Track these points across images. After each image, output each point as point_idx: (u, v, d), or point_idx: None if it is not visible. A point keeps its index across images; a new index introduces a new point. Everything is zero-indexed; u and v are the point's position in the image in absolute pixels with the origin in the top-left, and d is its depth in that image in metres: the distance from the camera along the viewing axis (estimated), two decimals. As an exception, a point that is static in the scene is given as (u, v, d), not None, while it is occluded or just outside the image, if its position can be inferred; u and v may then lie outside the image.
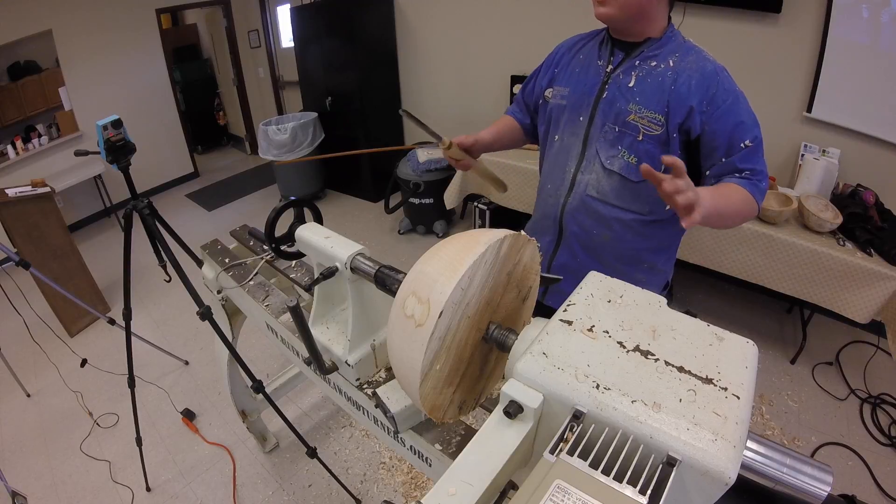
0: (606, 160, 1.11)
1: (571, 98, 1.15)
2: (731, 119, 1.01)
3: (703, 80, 1.01)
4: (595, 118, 1.11)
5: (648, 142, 1.05)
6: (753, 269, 2.18)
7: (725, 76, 1.03)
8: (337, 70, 3.96)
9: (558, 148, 1.20)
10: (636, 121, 1.05)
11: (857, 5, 2.08)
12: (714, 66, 1.03)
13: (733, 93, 1.02)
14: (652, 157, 1.06)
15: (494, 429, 0.51)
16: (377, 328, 0.91)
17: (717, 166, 1.04)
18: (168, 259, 1.52)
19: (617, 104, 1.07)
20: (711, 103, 1.00)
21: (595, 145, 1.12)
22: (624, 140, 1.08)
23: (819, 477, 0.47)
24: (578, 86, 1.14)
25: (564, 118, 1.17)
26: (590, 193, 1.15)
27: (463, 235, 0.60)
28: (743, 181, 1.01)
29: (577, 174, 1.16)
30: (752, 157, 1.02)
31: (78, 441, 2.20)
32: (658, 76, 1.04)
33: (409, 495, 1.86)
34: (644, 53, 1.06)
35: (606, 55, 1.11)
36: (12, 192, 2.65)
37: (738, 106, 1.02)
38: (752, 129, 1.02)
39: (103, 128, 1.38)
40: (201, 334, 2.79)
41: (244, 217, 4.32)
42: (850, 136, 2.29)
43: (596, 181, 1.14)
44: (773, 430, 2.03)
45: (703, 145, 1.04)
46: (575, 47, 1.20)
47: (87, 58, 4.27)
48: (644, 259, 1.20)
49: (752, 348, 0.51)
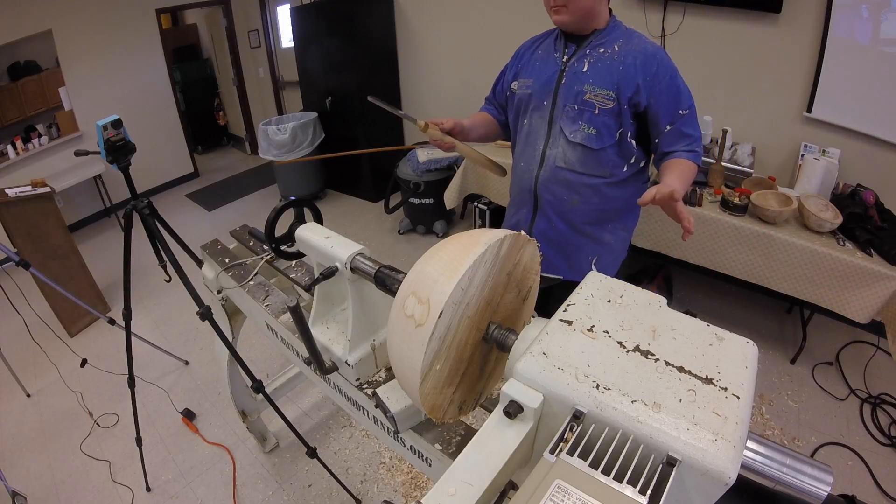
0: (570, 134, 1.29)
1: (535, 87, 1.34)
2: (671, 91, 1.21)
3: (645, 59, 1.20)
4: (557, 101, 1.30)
5: (604, 115, 1.24)
6: (753, 269, 2.18)
7: (663, 55, 1.22)
8: (337, 70, 3.96)
9: (528, 130, 1.38)
10: (592, 98, 1.24)
11: (857, 5, 2.08)
12: (654, 47, 1.23)
13: (671, 69, 1.22)
14: (608, 127, 1.26)
15: (494, 429, 0.51)
16: (377, 328, 0.91)
17: (665, 134, 1.24)
18: (168, 259, 1.52)
19: (574, 87, 1.26)
20: (654, 78, 1.20)
21: (559, 123, 1.31)
22: (583, 115, 1.26)
23: (819, 477, 0.47)
24: (541, 76, 1.33)
25: (532, 104, 1.36)
26: (558, 164, 1.33)
27: (463, 235, 0.60)
28: (688, 154, 1.23)
29: (546, 149, 1.35)
30: (691, 123, 1.24)
31: (78, 441, 2.20)
32: (607, 60, 1.23)
33: (409, 495, 1.86)
34: (593, 43, 1.26)
35: (561, 48, 1.31)
36: (12, 192, 2.65)
37: (676, 80, 1.22)
38: (688, 98, 1.23)
39: (103, 128, 1.38)
40: (201, 334, 2.79)
41: (244, 217, 4.31)
42: (850, 136, 2.29)
43: (562, 153, 1.32)
44: (773, 430, 2.03)
45: (650, 115, 1.24)
46: (534, 45, 1.41)
47: (87, 58, 4.26)
48: (610, 218, 1.40)
49: (752, 348, 0.51)
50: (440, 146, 1.37)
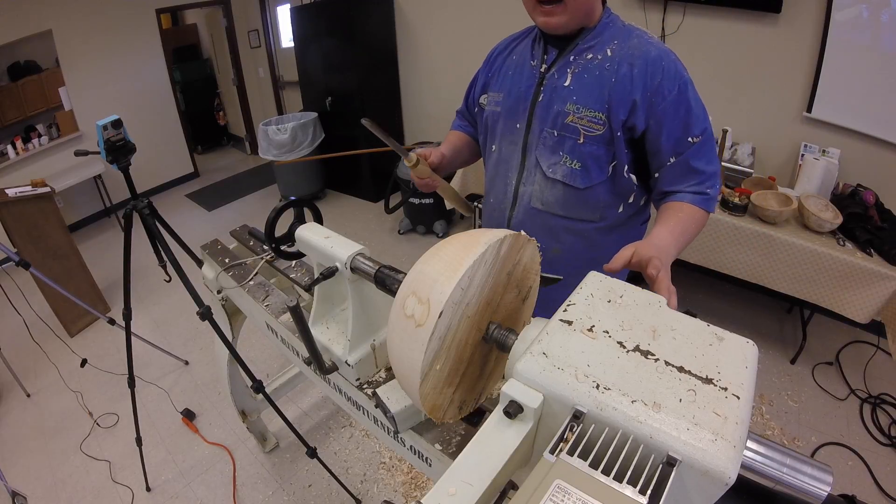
0: (548, 168, 1.02)
1: (506, 104, 1.06)
2: (678, 112, 0.91)
3: (646, 67, 0.91)
4: (532, 124, 1.02)
5: (591, 143, 0.96)
6: (753, 269, 2.18)
7: (672, 61, 0.92)
8: (337, 70, 3.96)
9: (497, 159, 1.12)
10: (575, 122, 0.96)
11: (857, 5, 2.08)
12: (659, 50, 0.92)
13: (680, 80, 0.91)
14: (597, 159, 0.97)
15: (494, 429, 0.51)
16: (377, 328, 0.91)
17: (668, 168, 0.95)
18: (168, 259, 1.52)
19: (554, 107, 0.98)
20: (657, 94, 0.90)
21: (535, 154, 1.03)
22: (564, 145, 0.99)
23: (819, 477, 0.47)
24: (513, 90, 1.05)
25: (500, 126, 1.09)
26: (534, 206, 1.06)
27: (463, 235, 0.60)
28: (696, 197, 0.94)
29: (518, 186, 1.08)
30: (703, 154, 0.94)
31: (78, 441, 2.20)
32: (595, 70, 0.95)
33: (409, 495, 1.86)
34: (579, 47, 0.97)
35: (539, 54, 1.02)
36: (12, 192, 2.65)
37: (685, 96, 0.91)
38: (701, 121, 0.93)
39: (103, 128, 1.38)
40: (201, 334, 2.79)
41: (244, 217, 4.32)
42: (850, 136, 2.29)
43: (539, 192, 1.05)
44: (773, 430, 2.03)
45: (649, 143, 0.95)
46: (508, 48, 1.11)
47: (87, 58, 4.27)
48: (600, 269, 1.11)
49: (752, 348, 0.51)
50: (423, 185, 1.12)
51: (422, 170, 1.08)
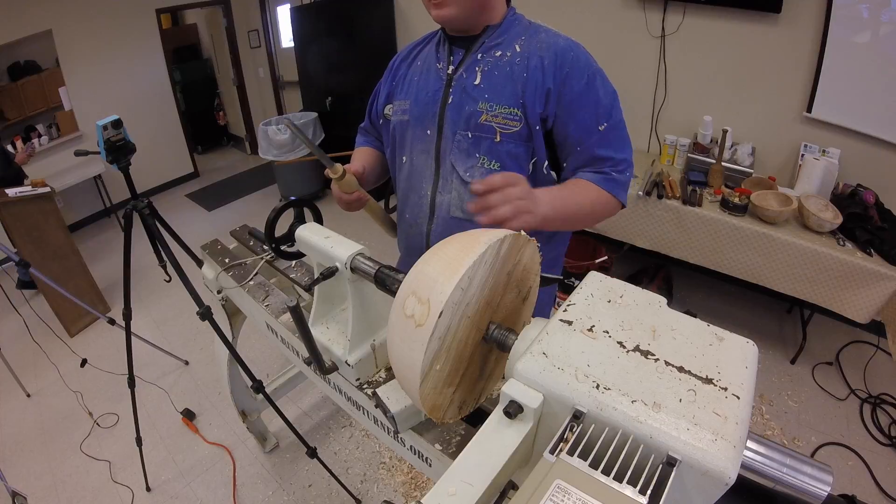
0: (465, 172, 0.97)
1: (414, 110, 1.01)
2: (587, 102, 0.89)
3: (556, 58, 0.90)
4: (444, 129, 0.98)
5: (509, 141, 0.93)
6: (753, 269, 2.18)
7: (580, 51, 0.91)
8: (337, 70, 3.96)
9: (409, 171, 1.05)
10: (489, 121, 0.93)
11: (857, 5, 2.08)
12: (568, 41, 0.92)
13: (590, 69, 0.90)
14: (516, 158, 0.94)
15: (494, 429, 0.51)
16: (377, 328, 0.91)
17: (574, 157, 0.94)
18: (168, 259, 1.52)
19: (465, 107, 0.95)
20: (565, 84, 0.89)
21: (449, 159, 0.98)
22: (481, 146, 0.94)
23: (819, 477, 0.47)
24: (420, 95, 1.01)
25: (410, 135, 1.03)
26: (454, 215, 1.00)
27: (463, 235, 0.60)
28: (596, 175, 0.92)
29: (435, 196, 1.02)
30: (611, 142, 0.92)
31: (78, 441, 2.20)
32: (506, 66, 0.93)
33: (409, 495, 1.86)
34: (486, 44, 0.95)
35: (445, 56, 0.99)
36: (12, 192, 2.65)
37: (594, 84, 0.90)
38: (609, 110, 0.91)
39: (103, 128, 1.38)
40: (201, 334, 2.79)
41: (244, 217, 4.31)
42: (850, 136, 2.29)
43: (458, 199, 0.99)
44: (773, 430, 2.03)
45: (558, 133, 0.93)
46: (411, 55, 1.08)
47: (87, 58, 4.27)
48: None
49: (752, 348, 0.51)
50: (349, 202, 1.01)
51: (348, 182, 0.98)
